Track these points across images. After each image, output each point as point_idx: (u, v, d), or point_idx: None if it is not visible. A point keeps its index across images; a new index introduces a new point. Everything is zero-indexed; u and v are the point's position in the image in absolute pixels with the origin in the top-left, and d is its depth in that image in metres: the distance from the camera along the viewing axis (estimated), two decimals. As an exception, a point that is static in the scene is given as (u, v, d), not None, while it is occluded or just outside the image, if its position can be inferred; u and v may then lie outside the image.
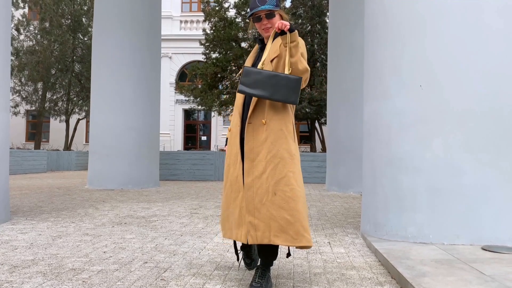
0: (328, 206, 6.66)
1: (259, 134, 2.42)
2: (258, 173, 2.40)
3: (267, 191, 2.37)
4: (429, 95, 3.64)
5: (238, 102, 2.56)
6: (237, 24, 15.75)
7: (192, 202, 6.94)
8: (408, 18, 3.79)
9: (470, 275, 2.59)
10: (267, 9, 2.49)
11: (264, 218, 2.37)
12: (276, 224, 2.36)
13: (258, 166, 2.41)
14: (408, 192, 3.69)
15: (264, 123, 2.42)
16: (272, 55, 2.50)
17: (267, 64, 2.48)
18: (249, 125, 2.45)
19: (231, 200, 2.55)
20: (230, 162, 2.56)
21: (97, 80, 9.43)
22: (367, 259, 3.35)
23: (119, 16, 9.30)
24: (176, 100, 24.94)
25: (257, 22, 2.57)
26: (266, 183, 2.38)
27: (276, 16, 2.54)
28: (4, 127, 4.94)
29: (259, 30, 2.59)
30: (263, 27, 2.56)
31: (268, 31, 2.55)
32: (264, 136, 2.41)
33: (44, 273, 2.85)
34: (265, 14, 2.52)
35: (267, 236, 2.36)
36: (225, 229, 2.62)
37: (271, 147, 2.40)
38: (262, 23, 2.55)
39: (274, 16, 2.53)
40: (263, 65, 2.48)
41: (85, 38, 19.35)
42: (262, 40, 2.67)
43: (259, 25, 2.58)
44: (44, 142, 24.13)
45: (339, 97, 9.15)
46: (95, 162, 9.34)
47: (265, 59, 2.49)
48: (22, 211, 5.70)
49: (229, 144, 2.58)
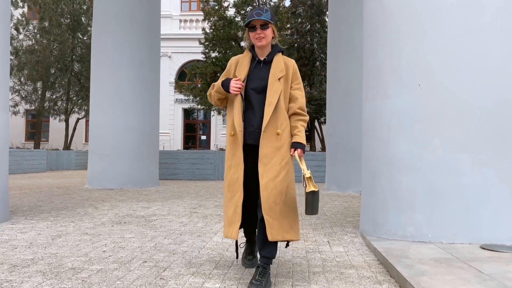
0: (327, 205, 6.67)
1: (273, 142, 2.70)
2: (272, 176, 2.66)
3: (280, 192, 2.65)
4: (428, 95, 3.64)
5: (237, 110, 2.77)
6: (236, 23, 15.73)
7: (191, 202, 6.95)
8: (407, 17, 3.80)
9: (469, 274, 2.60)
10: (263, 19, 2.73)
11: (278, 217, 2.63)
12: (287, 222, 2.66)
13: (271, 170, 2.67)
14: (407, 191, 3.69)
15: (279, 133, 2.72)
16: (279, 74, 2.77)
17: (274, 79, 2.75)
18: (264, 134, 2.71)
19: (227, 199, 2.77)
20: (232, 164, 2.77)
21: (96, 80, 9.43)
22: (366, 258, 3.36)
23: (118, 15, 9.30)
24: (176, 99, 24.93)
25: (252, 32, 2.78)
26: (280, 185, 2.66)
27: (269, 28, 2.78)
28: (3, 126, 4.95)
29: (253, 39, 2.80)
30: (257, 36, 2.77)
31: (261, 40, 2.77)
32: (279, 145, 2.71)
33: (43, 272, 2.85)
34: (260, 24, 2.75)
35: (280, 233, 2.62)
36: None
37: (285, 155, 2.71)
38: (256, 32, 2.76)
39: (268, 28, 2.77)
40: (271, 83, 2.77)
41: (85, 37, 19.34)
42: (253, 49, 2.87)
43: (253, 34, 2.78)
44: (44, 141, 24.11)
45: (339, 96, 9.15)
46: (94, 161, 9.35)
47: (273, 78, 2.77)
48: (22, 211, 5.70)
49: (232, 147, 2.78)
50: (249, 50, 2.88)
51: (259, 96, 2.77)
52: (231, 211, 2.71)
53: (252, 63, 2.85)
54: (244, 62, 2.85)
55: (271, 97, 2.73)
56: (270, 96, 2.73)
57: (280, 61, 2.81)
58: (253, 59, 2.85)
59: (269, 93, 2.74)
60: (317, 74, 16.51)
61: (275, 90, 2.74)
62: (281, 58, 2.84)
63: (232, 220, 2.70)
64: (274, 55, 2.83)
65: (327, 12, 12.40)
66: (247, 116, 2.77)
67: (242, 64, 2.85)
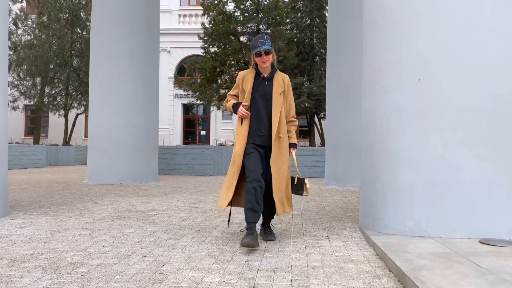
0: (326, 200, 6.68)
1: (277, 144, 3.61)
2: (278, 169, 3.58)
3: (283, 181, 3.62)
4: (428, 90, 3.64)
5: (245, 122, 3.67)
6: (236, 18, 15.67)
7: (191, 197, 6.96)
8: (406, 12, 3.78)
9: (467, 268, 2.61)
10: (266, 49, 3.58)
11: (281, 198, 3.61)
12: (287, 201, 3.68)
13: (278, 163, 3.59)
14: (406, 186, 3.70)
15: (281, 137, 3.63)
16: (280, 89, 3.66)
17: (277, 94, 3.65)
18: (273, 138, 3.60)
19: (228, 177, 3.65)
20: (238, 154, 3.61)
21: (95, 75, 9.41)
22: (365, 252, 3.37)
23: (117, 10, 9.26)
24: (175, 94, 24.90)
25: (258, 57, 3.63)
26: (282, 175, 3.61)
27: (271, 53, 3.64)
28: (2, 122, 4.94)
29: (258, 62, 3.65)
30: (262, 60, 3.63)
31: (265, 63, 3.63)
32: (281, 146, 3.64)
33: (43, 267, 2.86)
34: (265, 51, 3.60)
35: (284, 209, 3.63)
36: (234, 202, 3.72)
37: (284, 153, 3.66)
38: (262, 58, 3.62)
39: (270, 53, 3.64)
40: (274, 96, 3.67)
41: (84, 32, 19.27)
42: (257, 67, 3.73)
43: (259, 59, 3.63)
44: (43, 137, 24.10)
45: (339, 91, 9.14)
46: (94, 157, 9.34)
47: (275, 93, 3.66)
48: (21, 206, 5.71)
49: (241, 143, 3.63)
50: (253, 68, 3.72)
51: (264, 105, 3.64)
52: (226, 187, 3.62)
53: (256, 78, 3.69)
54: (249, 77, 3.70)
55: (276, 109, 3.61)
56: (275, 108, 3.61)
57: (280, 78, 3.69)
58: (257, 75, 3.69)
59: (274, 105, 3.61)
60: (317, 69, 16.48)
61: (278, 103, 3.62)
62: (280, 75, 3.71)
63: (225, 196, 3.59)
64: (274, 73, 3.70)
65: (327, 6, 12.35)
66: (256, 124, 3.64)
67: (248, 80, 3.69)
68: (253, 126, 3.62)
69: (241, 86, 3.70)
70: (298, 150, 12.27)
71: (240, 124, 3.65)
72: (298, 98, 15.28)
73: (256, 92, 3.63)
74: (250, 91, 3.63)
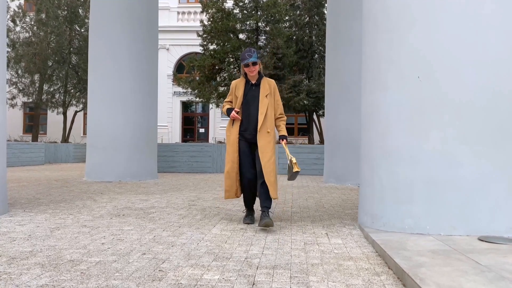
0: (325, 198, 6.69)
1: (265, 138, 4.23)
2: (266, 160, 4.17)
3: (271, 170, 4.16)
4: (427, 88, 3.63)
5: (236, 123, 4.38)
6: (234, 15, 15.64)
7: (190, 194, 6.96)
8: (406, 9, 3.77)
9: (467, 266, 2.61)
10: (253, 61, 4.26)
11: (271, 185, 4.13)
12: (276, 187, 4.21)
13: (266, 155, 4.18)
14: (405, 183, 3.70)
15: (269, 132, 4.24)
16: (266, 92, 4.31)
17: (263, 96, 4.29)
18: (259, 133, 4.23)
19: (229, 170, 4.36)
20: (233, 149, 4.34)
21: (94, 72, 9.38)
22: (364, 250, 3.37)
23: (116, 7, 9.23)
24: (174, 92, 24.85)
25: (247, 67, 4.30)
26: (270, 166, 4.16)
27: (257, 64, 4.30)
28: (1, 119, 4.93)
29: (247, 71, 4.32)
30: (250, 70, 4.29)
31: (253, 72, 4.30)
32: (269, 139, 4.25)
33: (42, 265, 2.86)
34: (252, 63, 4.27)
35: (274, 195, 4.15)
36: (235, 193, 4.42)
37: (272, 147, 4.25)
38: (250, 68, 4.29)
39: (257, 64, 4.30)
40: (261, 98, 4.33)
41: (82, 29, 19.20)
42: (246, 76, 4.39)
43: (247, 69, 4.31)
44: (42, 134, 24.04)
45: (337, 89, 9.13)
46: (93, 154, 9.33)
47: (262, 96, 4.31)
48: (20, 203, 5.70)
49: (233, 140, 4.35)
50: (243, 77, 4.40)
51: (253, 106, 4.29)
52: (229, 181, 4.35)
53: (246, 85, 4.38)
54: (241, 85, 4.40)
55: (262, 108, 4.27)
56: (262, 108, 4.27)
57: (265, 83, 4.35)
58: (247, 83, 4.38)
59: (260, 105, 4.28)
60: (316, 66, 16.45)
61: (264, 104, 4.27)
62: (266, 80, 4.38)
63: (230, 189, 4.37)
64: (261, 79, 4.36)
65: (326, 4, 12.33)
66: (246, 122, 4.32)
67: (239, 87, 4.39)
68: (243, 125, 4.34)
69: (234, 93, 4.43)
70: (297, 148, 12.30)
71: (231, 125, 4.39)
72: (297, 95, 15.26)
73: (246, 97, 4.34)
74: (242, 96, 4.34)
